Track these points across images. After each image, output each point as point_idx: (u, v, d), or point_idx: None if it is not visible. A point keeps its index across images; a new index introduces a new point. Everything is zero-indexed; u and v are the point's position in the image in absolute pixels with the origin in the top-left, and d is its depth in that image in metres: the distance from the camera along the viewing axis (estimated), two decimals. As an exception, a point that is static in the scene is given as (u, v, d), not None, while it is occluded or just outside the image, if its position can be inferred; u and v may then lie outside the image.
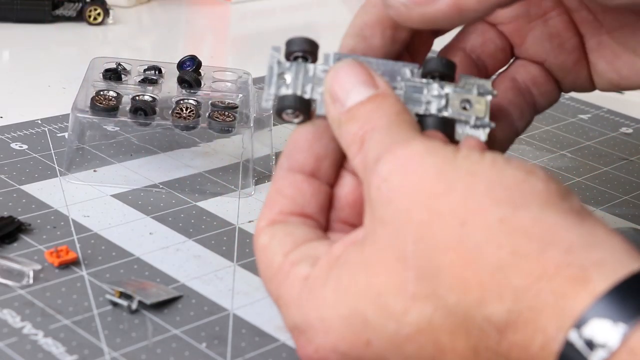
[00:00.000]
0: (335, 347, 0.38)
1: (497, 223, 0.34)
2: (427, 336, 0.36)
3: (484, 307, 0.34)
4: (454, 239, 0.35)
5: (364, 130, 0.39)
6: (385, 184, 0.37)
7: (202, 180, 0.60)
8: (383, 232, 0.37)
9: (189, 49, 0.87)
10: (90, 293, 0.48)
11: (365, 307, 0.37)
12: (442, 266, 0.35)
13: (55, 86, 0.73)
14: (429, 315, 0.35)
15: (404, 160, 0.37)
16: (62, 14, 0.86)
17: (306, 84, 0.42)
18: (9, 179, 0.57)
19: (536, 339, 0.33)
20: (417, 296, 0.35)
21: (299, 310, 0.38)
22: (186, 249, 0.53)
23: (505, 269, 0.34)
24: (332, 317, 0.37)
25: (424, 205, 0.36)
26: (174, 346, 0.45)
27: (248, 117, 0.60)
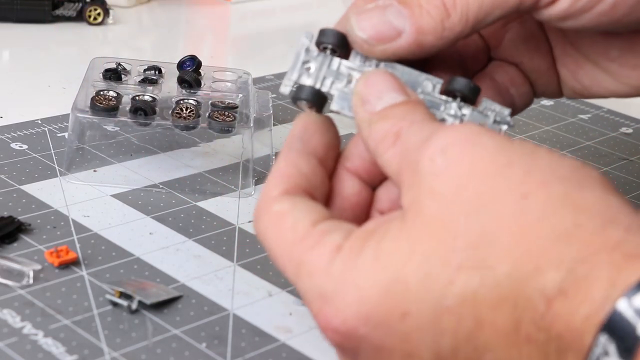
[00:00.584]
0: (367, 317, 0.36)
1: (560, 197, 0.35)
2: (469, 309, 0.35)
3: (539, 276, 0.34)
4: (513, 211, 0.35)
5: (399, 126, 0.39)
6: (441, 155, 0.37)
7: (202, 180, 0.60)
8: (432, 202, 0.36)
9: (189, 49, 0.87)
10: (90, 293, 0.48)
11: (407, 275, 0.36)
12: (496, 236, 0.35)
13: (55, 86, 0.73)
14: (474, 287, 0.35)
15: (462, 135, 0.37)
16: (62, 14, 0.86)
17: (327, 77, 0.43)
18: (9, 179, 0.57)
19: (583, 309, 0.33)
20: (464, 266, 0.35)
21: (329, 279, 0.37)
22: (186, 249, 0.53)
23: (565, 239, 0.34)
24: (370, 285, 0.36)
25: (483, 177, 0.36)
26: (174, 346, 0.45)
27: (248, 117, 0.60)
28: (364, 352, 0.38)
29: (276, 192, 0.40)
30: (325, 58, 0.43)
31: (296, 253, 0.39)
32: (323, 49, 0.43)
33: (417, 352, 0.36)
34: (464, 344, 0.36)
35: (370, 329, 0.37)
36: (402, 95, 0.41)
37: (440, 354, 0.36)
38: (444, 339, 0.36)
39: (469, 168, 0.36)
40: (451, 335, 0.36)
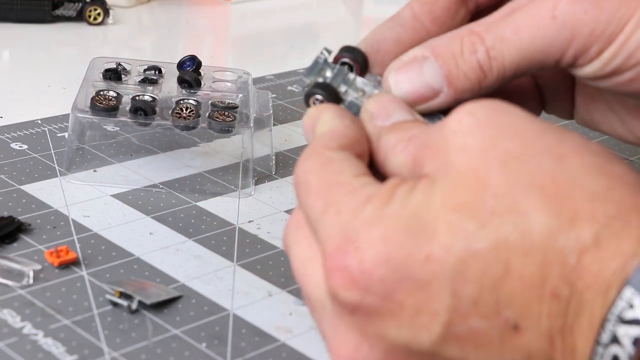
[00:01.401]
0: (388, 259, 0.36)
1: (593, 164, 0.36)
2: (499, 254, 0.35)
3: (575, 227, 0.35)
4: (548, 167, 0.36)
5: (411, 133, 0.40)
6: (469, 116, 0.37)
7: (202, 180, 0.60)
8: (463, 158, 0.36)
9: (189, 49, 0.87)
10: (90, 293, 0.48)
11: (436, 220, 0.36)
12: (532, 187, 0.35)
13: (55, 86, 0.73)
14: (506, 233, 0.35)
15: (490, 104, 0.38)
16: (62, 14, 0.86)
17: (342, 85, 0.44)
18: (9, 179, 0.57)
19: (612, 263, 0.34)
20: (497, 212, 0.35)
21: (356, 219, 0.37)
22: (186, 249, 0.53)
23: (600, 198, 0.35)
24: (396, 227, 0.36)
25: (516, 137, 0.36)
26: (174, 346, 0.45)
27: (248, 117, 0.60)
28: (367, 306, 0.36)
29: (333, 144, 0.40)
30: (342, 70, 0.44)
31: (332, 194, 0.38)
32: (341, 64, 0.45)
33: (432, 303, 0.35)
34: (487, 294, 0.35)
35: (389, 271, 0.36)
36: (410, 115, 0.42)
37: (458, 307, 0.35)
38: (466, 287, 0.35)
39: (500, 129, 0.37)
40: (475, 283, 0.35)
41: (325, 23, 0.99)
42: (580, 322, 0.34)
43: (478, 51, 0.43)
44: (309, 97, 0.43)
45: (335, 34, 0.97)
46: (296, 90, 0.44)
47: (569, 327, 0.35)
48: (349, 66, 0.45)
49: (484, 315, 0.35)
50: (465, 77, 0.43)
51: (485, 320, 0.35)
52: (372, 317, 0.36)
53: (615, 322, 0.33)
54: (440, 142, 0.38)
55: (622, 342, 0.33)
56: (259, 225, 0.56)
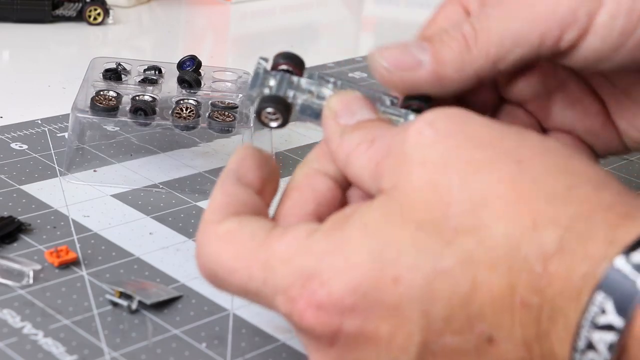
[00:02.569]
0: (356, 287, 0.35)
1: (553, 164, 0.36)
2: (465, 271, 0.34)
3: (536, 233, 0.34)
4: (508, 174, 0.35)
5: (374, 134, 0.39)
6: (429, 128, 0.37)
7: (202, 180, 0.60)
8: (422, 171, 0.36)
9: (189, 49, 0.87)
10: (90, 293, 0.48)
11: (400, 240, 0.35)
12: (492, 198, 0.35)
13: (55, 86, 0.73)
14: (471, 248, 0.34)
15: (449, 111, 0.37)
16: (62, 14, 0.86)
17: (289, 90, 0.43)
18: (9, 179, 0.57)
19: (581, 267, 0.33)
20: (461, 228, 0.35)
21: (310, 256, 0.36)
22: (186, 249, 0.53)
23: (562, 199, 0.35)
24: (360, 253, 0.35)
25: (475, 146, 0.36)
26: (174, 346, 0.45)
27: (248, 117, 0.60)
28: (345, 337, 0.36)
29: (218, 217, 0.39)
30: (284, 76, 0.44)
31: (261, 253, 0.37)
32: (280, 70, 0.44)
33: (405, 326, 0.35)
34: (457, 311, 0.35)
35: (358, 298, 0.35)
36: (374, 115, 0.41)
37: (430, 326, 0.35)
38: (436, 307, 0.35)
39: (461, 137, 0.36)
40: (445, 302, 0.35)
41: (325, 23, 0.99)
42: (555, 328, 0.34)
43: (463, 25, 0.43)
44: (260, 114, 0.43)
45: (335, 34, 0.97)
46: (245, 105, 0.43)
47: (545, 333, 0.34)
48: (289, 71, 0.44)
49: (457, 331, 0.35)
50: (448, 47, 0.42)
51: (459, 336, 0.35)
52: (350, 347, 0.36)
53: (589, 328, 0.33)
54: (400, 155, 0.37)
55: (597, 348, 0.33)
56: (259, 225, 0.56)
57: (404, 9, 1.04)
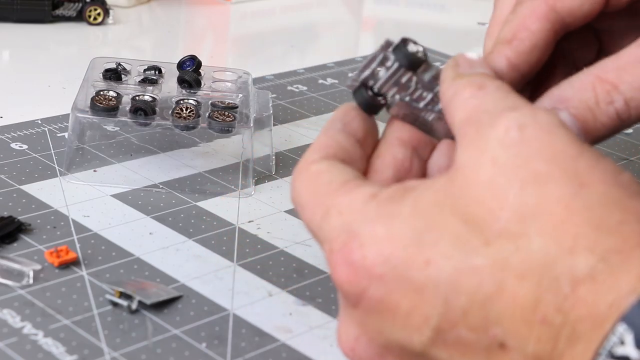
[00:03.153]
0: (389, 257, 0.36)
1: (614, 198, 0.36)
2: (495, 273, 0.35)
3: (572, 256, 0.34)
4: (567, 194, 0.35)
5: (486, 82, 0.39)
6: (518, 130, 0.37)
7: (202, 180, 0.60)
8: (491, 171, 0.36)
9: (189, 49, 0.87)
10: (90, 293, 0.48)
11: (444, 228, 0.36)
12: (543, 214, 0.35)
13: (55, 86, 0.73)
14: (507, 254, 0.35)
15: (543, 119, 0.37)
16: (62, 14, 0.86)
17: (391, 89, 0.42)
18: (9, 179, 0.57)
19: (608, 297, 0.34)
20: (504, 233, 0.35)
21: (361, 216, 0.37)
22: (186, 249, 0.53)
23: (607, 231, 0.35)
24: (401, 228, 0.36)
25: (548, 159, 0.36)
26: (174, 346, 0.45)
27: (248, 117, 0.60)
28: (368, 301, 0.37)
29: (315, 156, 0.41)
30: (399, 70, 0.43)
31: (328, 200, 0.39)
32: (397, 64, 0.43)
33: (425, 307, 0.36)
34: (477, 309, 0.35)
35: (388, 269, 0.36)
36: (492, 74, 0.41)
37: (448, 315, 0.36)
38: (458, 299, 0.36)
39: (538, 149, 0.37)
40: (467, 297, 0.35)
41: (325, 23, 0.99)
42: (572, 351, 0.34)
43: (615, 102, 0.42)
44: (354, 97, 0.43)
45: (335, 34, 0.97)
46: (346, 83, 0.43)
47: (559, 354, 0.34)
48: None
49: (472, 327, 0.36)
50: (603, 126, 0.42)
51: (473, 333, 0.36)
52: (371, 313, 0.37)
53: (606, 356, 0.33)
54: (482, 138, 0.37)
55: None
56: (259, 225, 0.56)
57: (404, 9, 1.04)
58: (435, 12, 1.05)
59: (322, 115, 0.71)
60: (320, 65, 0.81)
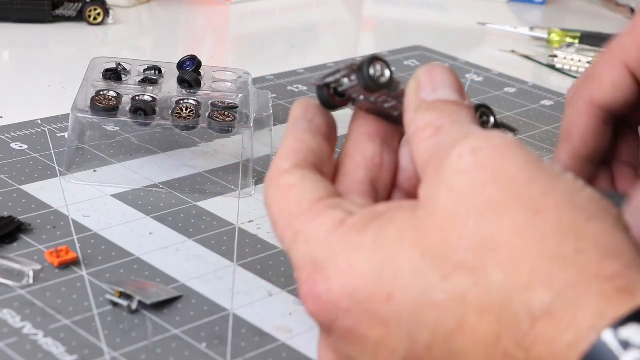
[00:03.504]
0: (353, 292, 0.36)
1: (569, 223, 0.35)
2: (455, 309, 0.35)
3: (529, 291, 0.34)
4: (522, 224, 0.35)
5: (443, 121, 0.39)
6: (470, 156, 0.37)
7: (202, 180, 0.60)
8: (448, 198, 0.36)
9: (189, 49, 0.87)
10: (90, 293, 0.48)
11: (402, 261, 0.36)
12: (499, 244, 0.35)
13: (55, 86, 0.73)
14: (465, 289, 0.35)
15: (495, 142, 0.37)
16: (62, 14, 0.86)
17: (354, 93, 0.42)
18: (9, 179, 0.57)
19: (566, 335, 0.33)
20: (462, 267, 0.35)
21: (325, 247, 0.38)
22: (186, 249, 0.53)
23: (563, 262, 0.34)
24: (363, 261, 0.37)
25: (502, 187, 0.36)
26: (174, 346, 0.45)
27: (248, 117, 0.60)
28: (339, 331, 0.37)
29: (287, 165, 0.41)
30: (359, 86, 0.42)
31: (297, 223, 0.39)
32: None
33: (392, 340, 0.36)
34: (440, 343, 0.35)
35: (353, 303, 0.37)
36: (456, 95, 0.41)
37: (414, 348, 0.36)
38: (421, 333, 0.35)
39: (492, 175, 0.36)
40: (430, 331, 0.35)
41: (325, 23, 0.99)
42: None
43: None
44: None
45: (335, 34, 0.97)
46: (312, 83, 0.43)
47: None
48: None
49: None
50: None
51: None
52: (343, 341, 0.38)
53: None
54: (439, 170, 0.37)
55: None
56: (259, 225, 0.56)
57: (404, 9, 1.04)
58: (435, 12, 1.05)
59: (322, 115, 0.71)
60: (320, 65, 0.81)
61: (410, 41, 0.91)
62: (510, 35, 0.97)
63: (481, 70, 0.85)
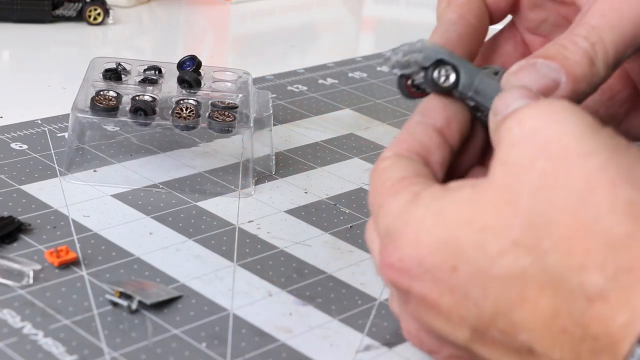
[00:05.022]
0: (421, 261, 0.38)
1: (625, 203, 0.35)
2: (515, 283, 0.36)
3: (583, 273, 0.35)
4: (575, 202, 0.35)
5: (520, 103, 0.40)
6: (517, 127, 0.37)
7: (202, 180, 0.60)
8: (502, 173, 0.37)
9: (189, 49, 0.87)
10: (90, 293, 0.48)
11: (462, 237, 0.37)
12: (554, 223, 0.35)
13: (55, 86, 0.73)
14: (523, 266, 0.36)
15: (543, 108, 0.37)
16: (62, 14, 0.86)
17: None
18: (9, 179, 0.57)
19: (621, 316, 0.34)
20: (518, 243, 0.36)
21: (398, 219, 0.39)
22: (186, 249, 0.53)
23: (616, 246, 0.35)
24: (427, 234, 0.38)
25: (554, 157, 0.36)
26: (174, 346, 0.45)
27: (248, 117, 0.60)
28: (414, 298, 0.39)
29: (389, 154, 0.43)
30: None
31: (382, 197, 0.41)
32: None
33: (460, 308, 0.38)
34: (503, 315, 0.37)
35: (422, 271, 0.38)
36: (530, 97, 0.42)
37: (480, 316, 0.37)
38: (486, 303, 0.37)
39: (542, 146, 0.36)
40: (493, 302, 0.37)
41: (325, 23, 0.99)
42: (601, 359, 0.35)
43: (579, 42, 0.44)
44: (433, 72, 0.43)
45: (335, 34, 0.97)
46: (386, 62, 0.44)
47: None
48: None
49: (502, 331, 0.37)
50: (577, 64, 0.43)
51: (504, 336, 0.37)
52: (420, 307, 0.39)
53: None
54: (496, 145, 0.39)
55: None
56: (259, 225, 0.56)
57: (404, 9, 1.04)
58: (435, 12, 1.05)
59: (322, 115, 0.71)
60: (320, 65, 0.81)
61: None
62: (510, 35, 0.97)
63: (481, 70, 0.85)
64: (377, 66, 0.83)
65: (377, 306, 0.49)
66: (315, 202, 0.59)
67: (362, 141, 0.68)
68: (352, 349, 0.46)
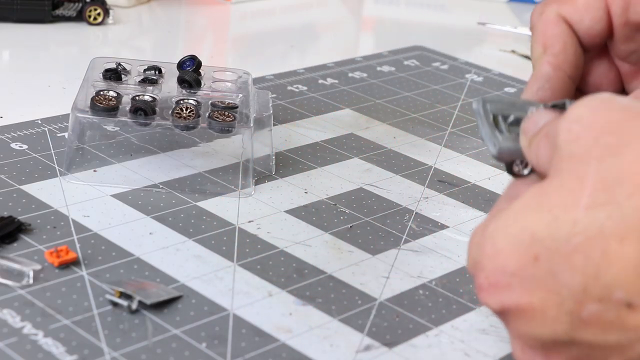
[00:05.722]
0: (503, 268, 0.39)
1: None
2: (596, 244, 0.37)
3: None
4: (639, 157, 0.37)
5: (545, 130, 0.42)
6: (576, 124, 0.39)
7: (202, 180, 0.60)
8: (569, 163, 0.38)
9: (189, 49, 0.87)
10: (90, 293, 0.48)
11: (533, 224, 0.38)
12: (625, 177, 0.37)
13: (55, 86, 0.73)
14: (600, 222, 0.37)
15: (593, 102, 0.39)
16: (62, 14, 0.86)
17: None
18: (9, 179, 0.57)
19: None
20: (592, 205, 0.37)
21: (477, 249, 0.41)
22: (186, 249, 0.53)
23: None
24: (501, 238, 0.39)
25: (614, 130, 0.38)
26: (174, 346, 0.45)
27: (248, 117, 0.60)
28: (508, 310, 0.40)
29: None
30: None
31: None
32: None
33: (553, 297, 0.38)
34: (593, 281, 0.37)
35: (508, 277, 0.39)
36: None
37: (574, 295, 0.38)
38: (574, 279, 0.38)
39: (602, 127, 0.38)
40: (581, 274, 0.37)
41: (325, 23, 0.99)
42: None
43: None
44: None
45: (335, 34, 0.97)
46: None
47: None
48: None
49: (597, 299, 0.38)
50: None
51: (600, 304, 0.38)
52: (517, 320, 0.40)
53: None
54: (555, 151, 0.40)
55: None
56: (259, 225, 0.56)
57: (404, 9, 1.04)
58: (435, 12, 1.05)
59: (322, 115, 0.71)
60: (320, 65, 0.82)
61: (410, 41, 0.91)
62: (510, 35, 0.97)
63: (481, 70, 0.85)
64: (377, 66, 0.83)
65: (377, 306, 0.49)
66: (315, 202, 0.59)
67: (362, 141, 0.68)
68: (352, 349, 0.46)
